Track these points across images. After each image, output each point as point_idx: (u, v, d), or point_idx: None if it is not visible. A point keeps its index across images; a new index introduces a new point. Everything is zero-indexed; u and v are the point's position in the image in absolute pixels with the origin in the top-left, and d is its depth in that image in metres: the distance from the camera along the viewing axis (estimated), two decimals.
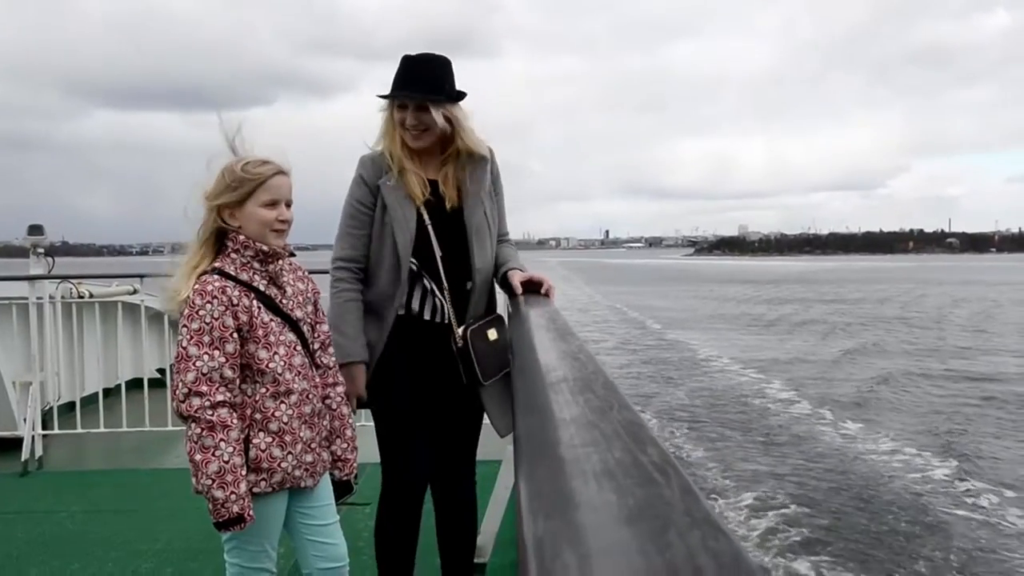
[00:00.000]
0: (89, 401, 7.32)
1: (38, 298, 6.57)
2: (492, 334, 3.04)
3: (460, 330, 2.99)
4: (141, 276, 7.70)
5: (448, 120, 2.97)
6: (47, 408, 6.66)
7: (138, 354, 8.11)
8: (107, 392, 7.03)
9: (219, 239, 2.50)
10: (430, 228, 3.00)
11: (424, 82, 2.96)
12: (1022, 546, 8.96)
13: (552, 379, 1.40)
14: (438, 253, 3.00)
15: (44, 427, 6.44)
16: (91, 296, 7.37)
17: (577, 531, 0.68)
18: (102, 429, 6.61)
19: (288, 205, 2.53)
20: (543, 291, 3.05)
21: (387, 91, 3.01)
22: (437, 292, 3.02)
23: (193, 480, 2.41)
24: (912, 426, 14.16)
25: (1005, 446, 12.90)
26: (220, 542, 4.30)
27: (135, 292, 8.01)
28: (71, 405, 7.35)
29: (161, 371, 8.04)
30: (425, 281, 3.03)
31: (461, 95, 3.03)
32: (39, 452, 6.22)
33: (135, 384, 7.34)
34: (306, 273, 2.73)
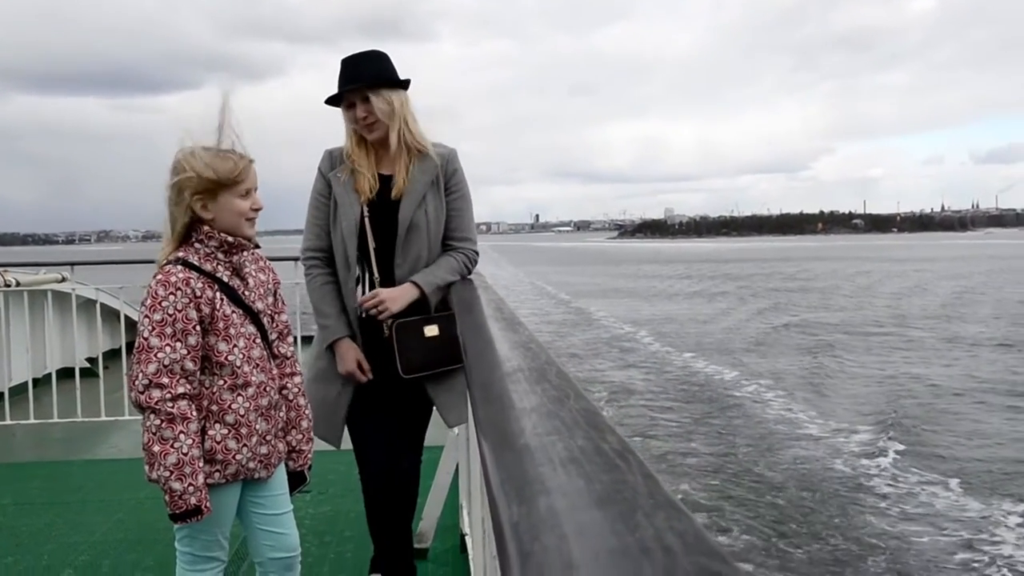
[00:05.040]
0: (18, 391, 7.14)
1: None
2: (431, 330, 3.11)
3: (388, 322, 3.09)
4: (72, 264, 7.54)
5: (393, 109, 3.08)
6: None
7: (68, 343, 7.93)
8: (36, 382, 6.88)
9: (185, 229, 2.47)
10: (367, 222, 3.11)
11: (364, 75, 3.08)
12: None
13: (507, 369, 1.44)
14: (372, 246, 3.11)
15: None
16: (18, 284, 7.19)
17: (552, 515, 0.73)
18: (32, 420, 6.47)
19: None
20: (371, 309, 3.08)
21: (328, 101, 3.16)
22: (371, 285, 3.13)
23: (147, 468, 2.39)
24: (724, 353, 22.94)
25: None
26: (157, 533, 4.30)
27: (64, 280, 7.83)
28: None
29: (92, 360, 7.89)
30: (364, 273, 3.16)
31: (404, 83, 3.14)
32: None
33: (66, 374, 7.19)
34: (268, 263, 2.73)
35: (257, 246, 2.60)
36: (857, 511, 10.57)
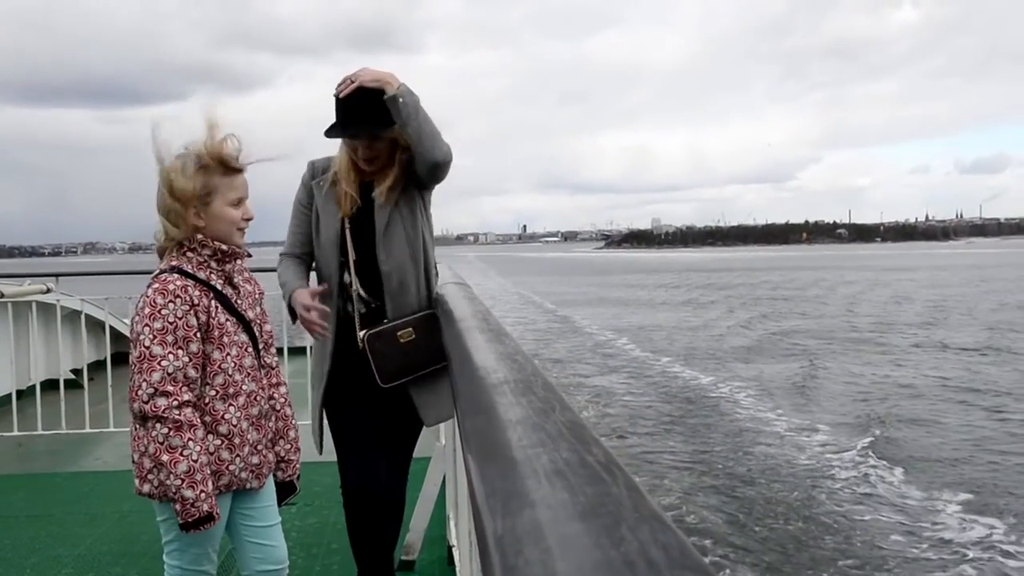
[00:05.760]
0: (2, 403, 7.09)
1: None
2: (407, 335, 3.07)
3: (361, 333, 3.06)
4: (56, 275, 7.50)
5: (396, 140, 3.05)
6: None
7: (53, 355, 7.88)
8: (20, 394, 6.83)
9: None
10: (348, 232, 3.10)
11: (363, 120, 2.97)
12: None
13: (493, 380, 1.44)
14: (352, 256, 3.09)
15: None
16: (2, 295, 7.15)
17: (536, 528, 0.73)
18: (15, 432, 6.42)
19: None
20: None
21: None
22: (350, 295, 3.12)
23: (137, 482, 2.37)
24: (709, 359, 23.62)
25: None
26: (142, 546, 4.27)
27: (49, 291, 7.78)
28: None
29: (76, 372, 7.84)
30: (345, 283, 3.14)
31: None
32: None
33: (50, 385, 7.14)
34: (251, 274, 2.73)
35: (249, 255, 2.60)
36: (823, 500, 11.15)
